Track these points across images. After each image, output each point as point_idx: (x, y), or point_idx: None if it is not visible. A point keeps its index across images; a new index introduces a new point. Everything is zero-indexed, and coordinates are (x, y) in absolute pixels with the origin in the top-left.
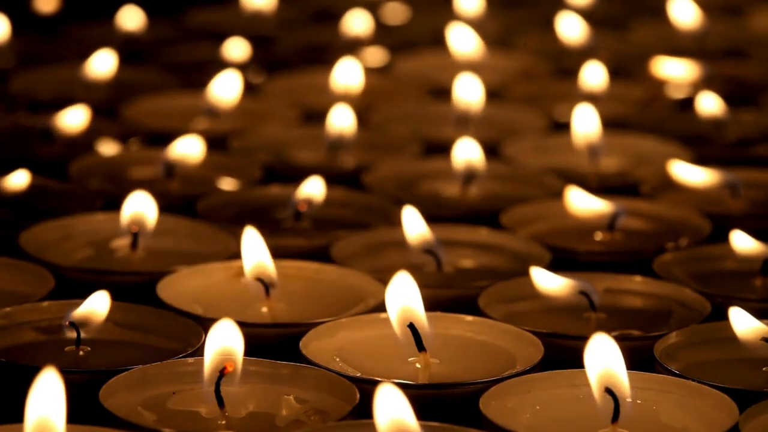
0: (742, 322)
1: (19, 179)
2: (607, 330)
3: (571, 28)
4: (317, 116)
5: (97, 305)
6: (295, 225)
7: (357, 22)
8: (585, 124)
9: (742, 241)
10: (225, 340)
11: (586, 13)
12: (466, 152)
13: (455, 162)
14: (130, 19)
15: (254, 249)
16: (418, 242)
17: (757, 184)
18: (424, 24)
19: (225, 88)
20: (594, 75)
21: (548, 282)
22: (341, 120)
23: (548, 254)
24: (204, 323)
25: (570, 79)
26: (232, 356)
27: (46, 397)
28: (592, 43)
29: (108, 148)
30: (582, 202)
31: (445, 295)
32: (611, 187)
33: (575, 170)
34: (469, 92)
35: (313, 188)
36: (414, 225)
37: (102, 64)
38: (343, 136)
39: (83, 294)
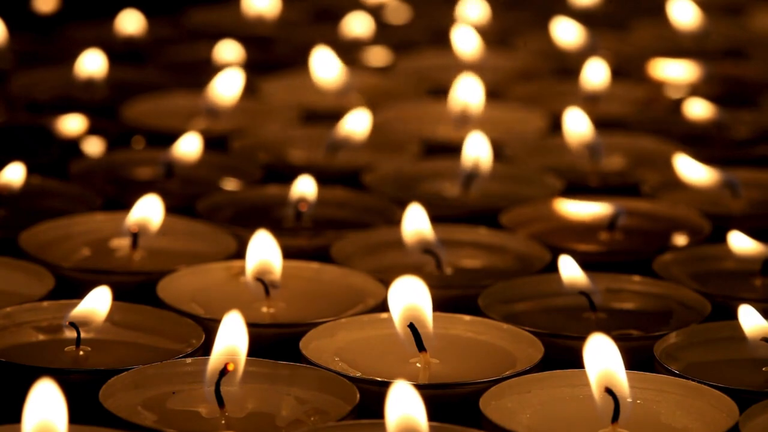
0: (749, 321)
1: (14, 174)
2: (607, 330)
3: (569, 30)
4: (317, 116)
5: (98, 303)
6: (296, 225)
7: (357, 23)
8: (578, 125)
9: (740, 242)
10: (233, 336)
11: (586, 14)
12: (475, 150)
13: (463, 159)
14: (130, 19)
15: (264, 250)
16: (417, 241)
17: (757, 184)
18: (424, 24)
19: (225, 88)
20: (594, 74)
21: (573, 271)
22: (354, 123)
23: (548, 254)
24: (204, 323)
25: (570, 79)
26: (235, 355)
27: (46, 403)
28: (592, 44)
29: (108, 148)
30: (576, 209)
31: (445, 295)
32: (611, 187)
33: (575, 170)
34: (469, 92)
35: (306, 187)
36: (416, 224)
37: (100, 64)
38: (349, 138)
39: (83, 294)
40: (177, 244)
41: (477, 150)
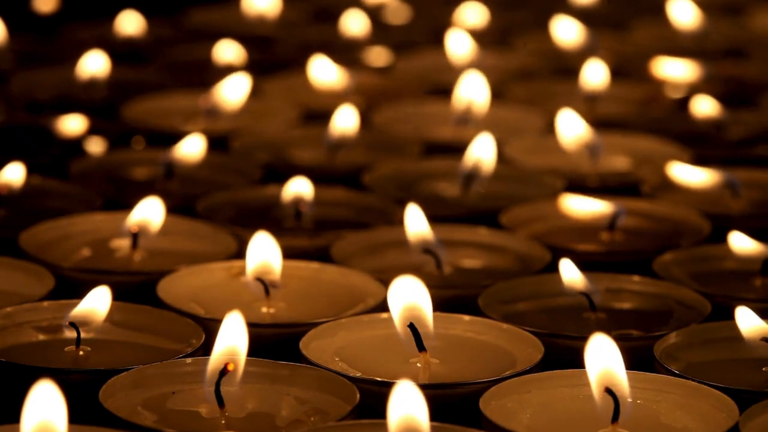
0: (747, 322)
1: (14, 174)
2: (607, 330)
3: (568, 30)
4: (317, 116)
5: (98, 303)
6: (296, 225)
7: (357, 23)
8: (573, 126)
9: (740, 242)
10: (233, 337)
11: (586, 13)
12: (480, 151)
13: (465, 159)
14: (130, 20)
15: (264, 251)
16: (418, 241)
17: (757, 184)
18: (424, 24)
19: (231, 91)
20: (594, 74)
21: (572, 273)
22: (344, 120)
23: (548, 254)
24: (204, 323)
25: (570, 79)
26: (235, 355)
27: (46, 403)
28: (592, 44)
29: (108, 148)
30: (579, 206)
31: (445, 295)
32: (611, 187)
33: (575, 170)
34: (473, 91)
35: (302, 188)
36: (415, 224)
37: (100, 64)
38: (344, 137)
39: (83, 294)
40: (177, 244)
41: (481, 151)
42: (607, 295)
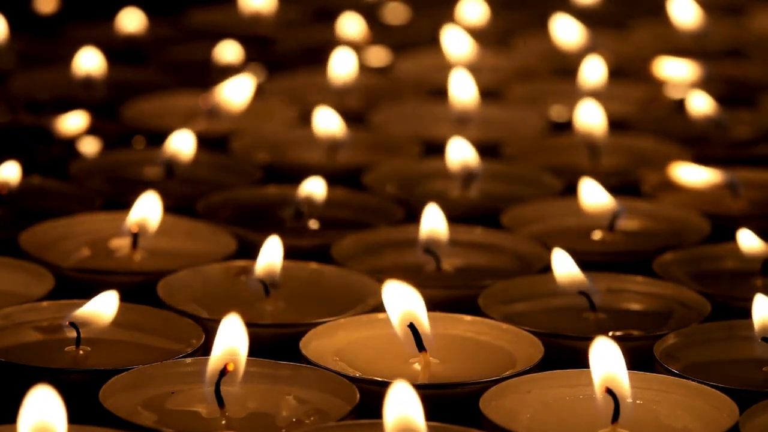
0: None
1: (10, 173)
2: (607, 330)
3: (568, 30)
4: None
5: (103, 307)
6: (296, 225)
7: (355, 23)
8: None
9: (748, 240)
10: (232, 338)
11: (585, 13)
12: (460, 153)
13: (450, 163)
14: (130, 19)
15: (275, 255)
16: (427, 239)
17: (757, 184)
18: (424, 24)
19: (233, 92)
20: (593, 74)
21: (566, 265)
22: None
23: (548, 254)
24: (204, 323)
25: (570, 79)
26: (235, 356)
27: (45, 403)
28: (592, 43)
29: (108, 148)
30: (594, 197)
31: (445, 295)
32: (611, 187)
33: (575, 170)
34: (464, 91)
35: (314, 188)
36: (430, 223)
37: (97, 62)
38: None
39: (83, 294)
40: (177, 244)
41: (462, 154)
42: (608, 295)
